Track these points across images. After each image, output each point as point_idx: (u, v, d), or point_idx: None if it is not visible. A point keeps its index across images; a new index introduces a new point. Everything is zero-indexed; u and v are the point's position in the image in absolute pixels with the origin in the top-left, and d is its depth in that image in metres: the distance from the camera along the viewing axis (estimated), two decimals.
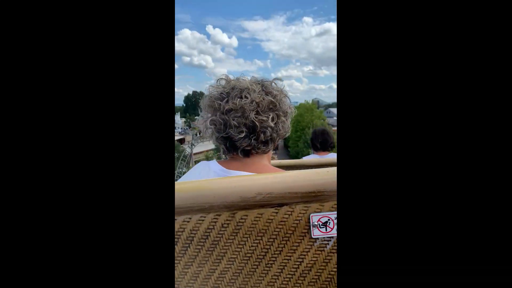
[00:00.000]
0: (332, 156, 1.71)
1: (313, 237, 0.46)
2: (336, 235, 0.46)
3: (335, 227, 0.46)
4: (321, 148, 1.78)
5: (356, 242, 0.35)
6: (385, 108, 0.35)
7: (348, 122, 0.36)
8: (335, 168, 0.48)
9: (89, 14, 0.36)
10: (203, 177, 0.63)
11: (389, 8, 0.36)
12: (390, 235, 0.34)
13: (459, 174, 0.34)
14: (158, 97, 0.38)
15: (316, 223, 0.46)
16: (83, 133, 0.35)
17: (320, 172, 0.46)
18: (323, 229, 0.46)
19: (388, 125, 0.35)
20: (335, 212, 0.46)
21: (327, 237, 0.46)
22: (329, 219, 0.46)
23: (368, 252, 0.35)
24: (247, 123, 0.61)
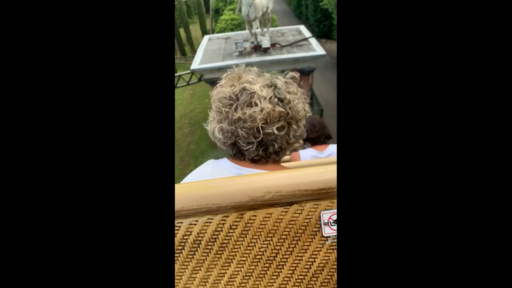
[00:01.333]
0: (334, 151, 1.56)
1: (324, 235, 0.45)
2: None
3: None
4: (319, 142, 1.56)
5: (357, 241, 0.34)
6: (385, 104, 0.34)
7: (348, 119, 0.35)
8: None
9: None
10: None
11: (389, 9, 0.35)
12: (392, 235, 0.33)
13: (461, 171, 0.33)
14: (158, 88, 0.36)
15: (327, 221, 0.45)
16: (80, 130, 0.34)
17: (330, 168, 0.45)
18: (334, 227, 0.45)
19: (388, 121, 0.34)
20: None
21: None
22: None
23: (369, 251, 0.33)
24: (255, 134, 0.58)
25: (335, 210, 0.45)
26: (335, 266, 0.45)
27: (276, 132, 0.59)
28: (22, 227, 0.32)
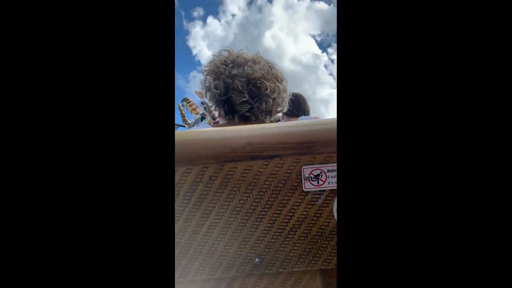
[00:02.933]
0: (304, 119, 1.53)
1: (304, 190, 0.45)
2: (328, 188, 0.45)
3: (327, 180, 0.45)
4: (294, 115, 1.53)
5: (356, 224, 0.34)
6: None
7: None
8: (329, 119, 0.46)
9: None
10: None
11: (389, 10, 0.33)
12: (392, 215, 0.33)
13: (460, 169, 0.32)
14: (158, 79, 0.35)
15: (308, 176, 0.44)
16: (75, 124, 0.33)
17: (314, 122, 0.44)
18: (315, 182, 0.45)
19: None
20: (328, 165, 0.45)
21: (319, 190, 0.45)
22: (321, 172, 0.45)
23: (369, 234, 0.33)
24: (250, 89, 0.62)
25: (317, 165, 0.44)
26: (314, 221, 0.46)
27: (270, 89, 0.62)
28: (17, 225, 0.31)
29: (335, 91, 0.37)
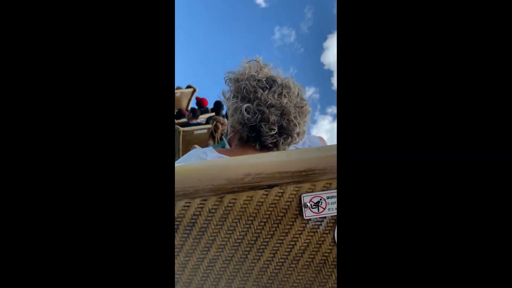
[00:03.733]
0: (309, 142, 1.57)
1: (305, 218, 0.44)
2: (328, 215, 0.44)
3: (328, 206, 0.45)
4: None
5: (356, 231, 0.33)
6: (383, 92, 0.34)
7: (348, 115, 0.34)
8: (326, 146, 0.46)
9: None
10: None
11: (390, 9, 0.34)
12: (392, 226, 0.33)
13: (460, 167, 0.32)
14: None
15: (308, 204, 0.44)
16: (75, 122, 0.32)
17: (310, 150, 0.44)
18: (315, 210, 0.44)
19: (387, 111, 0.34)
20: (327, 191, 0.44)
21: (320, 217, 0.45)
22: (321, 199, 0.44)
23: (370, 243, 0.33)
24: (282, 123, 0.60)
25: (316, 193, 0.44)
26: (316, 248, 0.45)
27: (299, 128, 0.61)
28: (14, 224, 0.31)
29: None
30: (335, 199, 0.45)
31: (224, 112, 3.47)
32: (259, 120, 0.60)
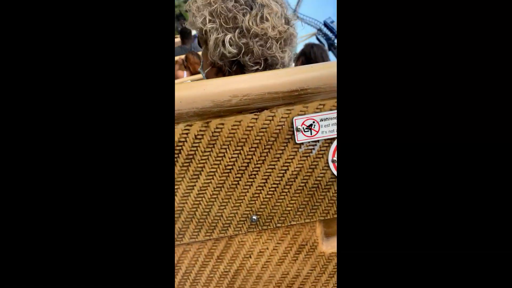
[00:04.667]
0: None
1: (297, 142, 0.42)
2: (322, 138, 0.42)
3: (321, 129, 0.42)
4: None
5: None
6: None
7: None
8: (319, 64, 0.42)
9: None
10: None
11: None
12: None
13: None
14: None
15: (300, 127, 0.42)
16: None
17: (303, 68, 0.41)
18: (308, 133, 0.42)
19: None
20: (321, 113, 0.42)
21: (312, 141, 0.43)
22: (314, 122, 0.42)
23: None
24: (265, 55, 0.53)
25: (309, 115, 0.41)
26: (309, 173, 0.44)
27: (283, 55, 0.54)
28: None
29: None
30: (328, 122, 0.42)
31: (195, 43, 3.21)
32: (243, 54, 0.53)
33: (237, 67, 0.55)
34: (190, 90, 0.38)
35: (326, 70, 0.40)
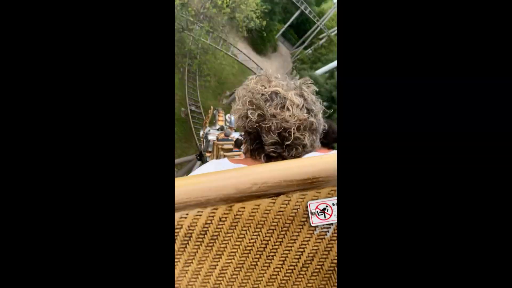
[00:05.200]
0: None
1: (312, 225, 0.46)
2: (335, 221, 0.46)
3: (334, 213, 0.46)
4: (327, 146, 1.48)
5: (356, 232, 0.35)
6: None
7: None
8: (328, 154, 0.48)
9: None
10: None
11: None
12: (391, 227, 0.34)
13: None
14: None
15: (314, 211, 0.46)
16: (79, 125, 0.36)
17: (314, 159, 0.47)
18: (322, 216, 0.46)
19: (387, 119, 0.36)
20: (332, 198, 0.46)
21: (326, 224, 0.46)
22: (327, 206, 0.46)
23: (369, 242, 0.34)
24: (282, 133, 0.61)
25: (322, 200, 0.46)
26: (325, 255, 0.46)
27: (304, 140, 0.61)
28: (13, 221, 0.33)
29: None
30: None
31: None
32: (261, 128, 0.61)
33: (258, 144, 0.63)
34: (219, 179, 0.45)
35: (334, 162, 0.46)
